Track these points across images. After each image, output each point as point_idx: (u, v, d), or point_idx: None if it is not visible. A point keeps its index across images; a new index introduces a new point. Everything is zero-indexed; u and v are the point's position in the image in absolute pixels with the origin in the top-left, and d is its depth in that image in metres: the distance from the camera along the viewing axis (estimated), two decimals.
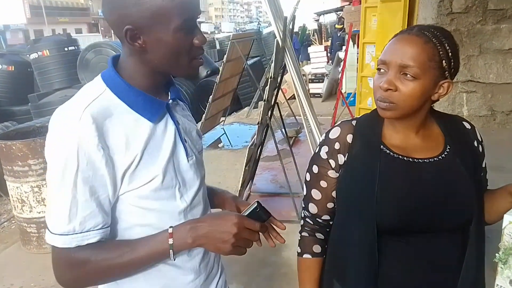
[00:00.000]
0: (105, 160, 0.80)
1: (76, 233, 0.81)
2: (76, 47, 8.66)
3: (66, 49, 8.28)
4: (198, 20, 0.90)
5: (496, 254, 0.89)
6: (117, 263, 0.84)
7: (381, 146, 0.99)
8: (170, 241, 0.83)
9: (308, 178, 1.09)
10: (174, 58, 0.86)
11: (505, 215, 0.89)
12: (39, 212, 3.04)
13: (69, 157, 0.78)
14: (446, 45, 0.91)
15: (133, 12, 0.79)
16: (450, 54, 0.92)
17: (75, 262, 0.83)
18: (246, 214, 0.89)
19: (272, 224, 1.03)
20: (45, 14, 43.60)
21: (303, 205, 1.13)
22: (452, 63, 0.93)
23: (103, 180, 0.82)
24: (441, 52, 0.91)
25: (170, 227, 0.85)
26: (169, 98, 0.95)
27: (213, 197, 1.14)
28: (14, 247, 3.30)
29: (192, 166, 0.97)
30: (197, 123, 1.14)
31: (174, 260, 0.86)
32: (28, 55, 8.60)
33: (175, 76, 0.96)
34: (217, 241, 0.84)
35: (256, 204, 0.90)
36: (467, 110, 3.69)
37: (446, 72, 0.93)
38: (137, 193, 0.87)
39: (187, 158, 0.95)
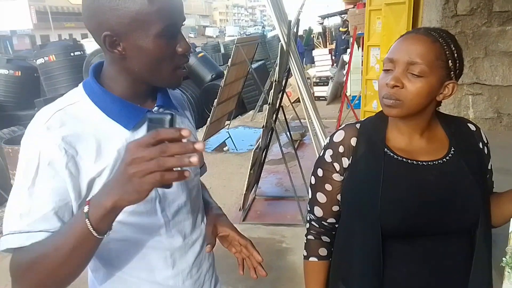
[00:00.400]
0: (66, 162, 0.76)
1: (22, 233, 0.74)
2: (82, 52, 8.73)
3: (72, 54, 8.34)
4: (203, 24, 0.87)
5: (503, 258, 0.89)
6: (46, 252, 0.71)
7: (385, 149, 0.99)
8: (85, 208, 0.67)
9: (313, 182, 1.09)
10: (155, 67, 0.81)
11: (511, 219, 0.88)
12: None
13: (32, 156, 0.76)
14: (452, 46, 0.93)
15: (111, 17, 0.76)
16: (456, 55, 0.93)
17: (15, 266, 0.75)
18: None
19: (251, 255, 1.03)
20: (51, 20, 44.07)
21: (309, 208, 1.13)
22: (458, 64, 0.94)
23: (64, 184, 0.76)
24: (447, 52, 0.91)
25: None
26: (155, 105, 0.90)
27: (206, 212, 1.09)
28: None
29: None
30: (202, 126, 1.09)
31: (101, 237, 0.69)
32: (34, 60, 8.68)
33: (156, 86, 0.89)
34: (126, 184, 0.63)
35: (148, 114, 0.71)
36: (473, 112, 3.67)
37: (452, 72, 0.93)
38: None
39: None
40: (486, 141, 1.06)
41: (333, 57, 10.90)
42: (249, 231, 3.14)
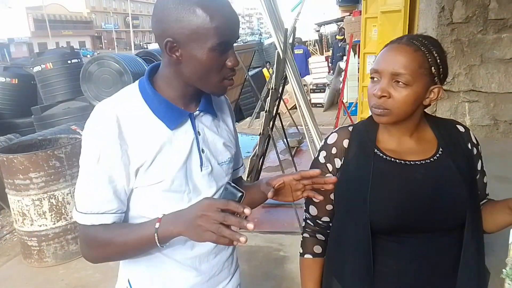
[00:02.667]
0: (121, 155, 0.90)
1: (93, 213, 0.92)
2: (79, 60, 8.72)
3: (69, 61, 8.32)
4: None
5: (503, 270, 0.88)
6: (117, 242, 0.92)
7: (375, 150, 1.04)
8: (157, 225, 0.86)
9: None
10: (205, 75, 0.91)
11: (511, 230, 0.88)
12: (40, 226, 3.03)
13: (94, 148, 0.90)
14: (434, 52, 0.96)
15: (175, 27, 0.86)
16: (438, 60, 0.97)
17: (88, 239, 0.94)
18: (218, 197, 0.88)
19: (310, 177, 0.99)
20: (49, 28, 44.14)
21: (305, 207, 1.18)
22: (441, 69, 0.98)
23: (119, 172, 0.91)
24: (430, 60, 0.96)
25: (163, 214, 0.88)
26: (197, 109, 1.00)
27: (252, 193, 1.10)
28: (15, 261, 3.27)
29: (205, 176, 1.01)
30: None
31: (162, 246, 0.88)
32: (31, 68, 8.66)
33: (202, 93, 1.00)
34: (192, 228, 0.81)
35: (225, 185, 0.90)
36: (470, 119, 3.69)
37: (436, 78, 0.98)
38: (148, 190, 0.94)
39: (201, 167, 0.99)
40: (476, 142, 1.09)
41: (330, 64, 10.95)
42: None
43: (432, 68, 0.96)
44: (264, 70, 9.58)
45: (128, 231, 0.92)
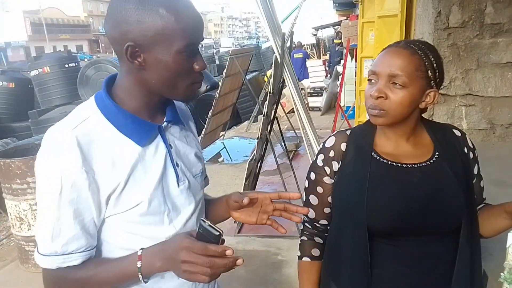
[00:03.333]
0: (88, 183, 0.79)
1: (58, 255, 0.82)
2: (76, 64, 8.73)
3: (66, 65, 8.33)
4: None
5: (501, 274, 0.88)
6: (93, 282, 0.83)
7: (372, 153, 1.05)
8: (139, 263, 0.80)
9: (306, 185, 1.15)
10: (172, 80, 0.84)
11: (509, 234, 0.89)
12: None
13: (54, 180, 0.78)
14: (431, 56, 0.98)
15: (136, 29, 0.79)
16: (435, 65, 0.99)
17: (57, 281, 0.84)
18: (200, 236, 0.80)
19: (286, 200, 0.97)
20: (46, 31, 44.12)
21: None
22: (437, 74, 1.00)
23: (87, 203, 0.81)
24: (426, 63, 0.97)
25: (141, 249, 0.83)
26: (164, 120, 0.93)
27: (215, 208, 1.08)
28: (12, 266, 3.26)
29: (184, 192, 0.94)
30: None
31: (146, 283, 0.83)
32: (28, 72, 8.66)
33: (171, 99, 0.93)
34: (180, 271, 0.77)
35: (199, 223, 0.81)
36: (467, 123, 3.70)
37: (432, 81, 0.99)
38: (123, 217, 0.85)
39: (178, 183, 0.92)
40: (472, 147, 1.10)
41: (327, 68, 10.98)
42: (244, 244, 3.12)
43: (429, 71, 0.98)
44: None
45: (105, 270, 0.84)
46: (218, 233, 0.78)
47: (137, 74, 0.84)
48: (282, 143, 3.96)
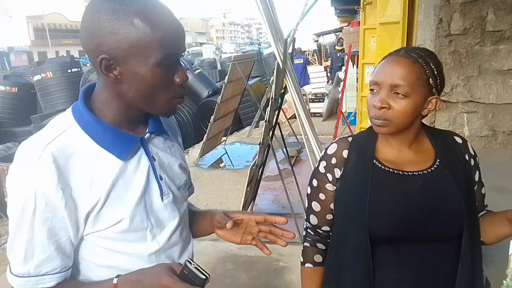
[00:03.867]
0: (65, 201, 0.75)
1: (31, 276, 0.78)
2: (79, 69, 8.76)
3: (69, 71, 8.37)
4: (199, 41, 0.88)
5: (504, 281, 0.89)
6: None
7: (374, 161, 1.06)
8: None
9: (309, 191, 1.16)
10: (150, 95, 0.79)
11: (511, 241, 0.88)
12: None
13: (27, 197, 0.74)
14: (432, 64, 0.99)
15: (110, 41, 0.74)
16: (435, 72, 1.00)
17: None
18: (183, 275, 0.76)
19: (272, 224, 0.96)
20: (49, 37, 44.35)
21: (305, 217, 1.19)
22: (438, 80, 1.01)
23: (63, 222, 0.77)
24: (427, 71, 0.98)
25: (117, 276, 0.79)
26: (147, 131, 0.89)
27: (200, 222, 1.06)
28: None
29: (168, 206, 0.90)
30: (198, 143, 1.10)
31: None
32: (31, 77, 8.69)
33: (149, 113, 0.87)
34: None
35: (185, 263, 0.77)
36: (468, 130, 3.71)
37: (433, 89, 1.00)
38: (102, 234, 0.81)
39: (162, 197, 0.88)
40: (473, 153, 1.11)
41: (329, 74, 11.00)
42: (246, 249, 3.11)
43: (430, 79, 0.98)
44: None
45: None
46: (204, 277, 0.74)
47: (113, 87, 0.80)
48: (284, 149, 3.97)
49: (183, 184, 0.98)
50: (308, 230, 1.19)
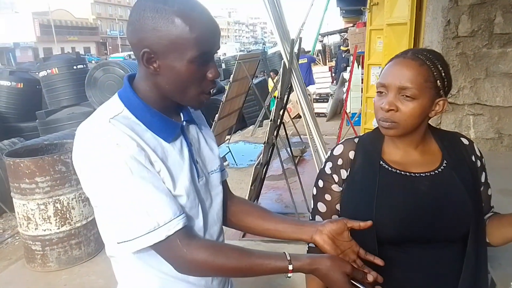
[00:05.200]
0: (145, 157, 0.83)
1: (160, 227, 0.82)
2: (84, 66, 8.79)
3: (75, 67, 8.40)
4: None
5: (511, 283, 0.89)
6: (234, 267, 0.87)
7: (381, 162, 1.06)
8: (290, 267, 0.87)
9: (314, 192, 1.15)
10: (183, 88, 0.87)
11: None
12: (45, 230, 3.03)
13: (116, 163, 0.80)
14: (439, 66, 0.99)
15: (152, 36, 0.82)
16: (443, 74, 0.99)
17: (193, 260, 0.85)
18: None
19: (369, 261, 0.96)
20: (55, 33, 44.49)
21: (311, 218, 1.18)
22: (446, 82, 1.00)
23: (158, 176, 0.85)
24: (435, 73, 0.98)
25: (284, 253, 0.88)
26: (182, 120, 0.97)
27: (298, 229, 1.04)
28: (18, 265, 3.27)
29: (203, 187, 0.98)
30: None
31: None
32: (37, 73, 8.73)
33: (181, 105, 0.96)
34: (332, 284, 0.87)
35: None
36: (474, 132, 3.69)
37: (441, 90, 1.00)
38: None
39: (198, 179, 0.97)
40: (479, 155, 1.11)
41: (333, 74, 10.99)
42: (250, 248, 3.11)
43: (438, 81, 0.98)
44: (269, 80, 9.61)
45: (250, 262, 0.88)
46: None
47: (152, 79, 0.88)
48: (288, 149, 3.97)
49: (216, 169, 1.05)
50: None
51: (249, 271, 0.88)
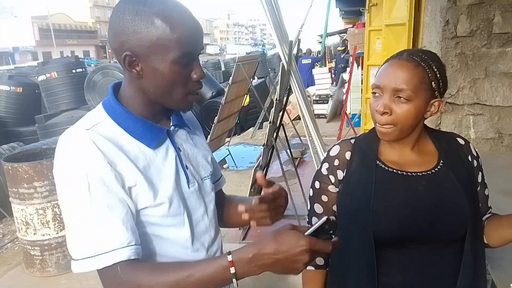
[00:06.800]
0: (114, 174, 0.80)
1: (99, 255, 0.78)
2: (83, 69, 8.81)
3: (74, 71, 8.42)
4: (204, 42, 0.91)
5: (511, 285, 0.88)
6: (190, 285, 0.78)
7: (377, 162, 1.05)
8: (232, 270, 0.76)
9: (311, 194, 1.15)
10: (168, 90, 0.86)
11: None
12: (43, 235, 3.02)
13: (79, 178, 0.78)
14: (434, 67, 0.98)
15: (133, 39, 0.81)
16: (438, 75, 0.99)
17: (125, 283, 0.79)
18: (312, 233, 0.78)
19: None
20: (54, 37, 44.56)
21: (307, 219, 1.17)
22: (441, 83, 1.00)
23: (119, 195, 0.81)
24: (430, 75, 0.97)
25: (228, 253, 0.78)
26: (171, 124, 0.95)
27: (235, 206, 1.02)
28: (18, 270, 3.26)
29: (194, 194, 0.95)
30: None
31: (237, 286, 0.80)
32: (36, 77, 8.74)
33: (168, 107, 0.93)
34: (286, 268, 0.78)
35: (325, 220, 0.80)
36: (474, 133, 3.67)
37: (436, 92, 1.00)
38: (147, 219, 0.86)
39: (188, 185, 0.94)
40: (476, 155, 1.11)
41: (333, 76, 10.99)
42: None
43: (432, 82, 0.98)
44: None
45: (187, 275, 0.78)
46: (327, 227, 0.80)
47: (137, 83, 0.86)
48: (288, 150, 3.96)
49: (208, 175, 1.02)
50: None
51: (197, 282, 0.78)
